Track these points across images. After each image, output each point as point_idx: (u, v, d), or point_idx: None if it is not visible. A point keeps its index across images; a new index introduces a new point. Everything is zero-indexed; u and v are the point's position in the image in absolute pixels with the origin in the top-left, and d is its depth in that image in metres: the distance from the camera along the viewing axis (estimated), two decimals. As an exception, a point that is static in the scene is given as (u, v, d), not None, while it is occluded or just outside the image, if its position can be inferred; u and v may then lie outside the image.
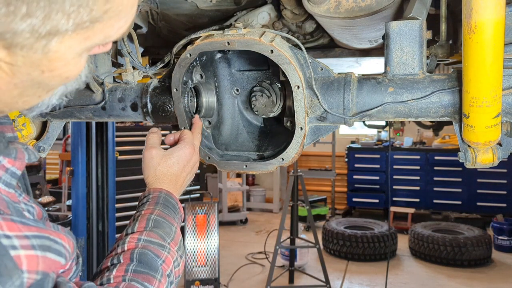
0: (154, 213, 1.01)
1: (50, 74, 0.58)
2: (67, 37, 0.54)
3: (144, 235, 0.95)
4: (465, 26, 0.95)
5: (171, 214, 1.05)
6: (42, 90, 0.62)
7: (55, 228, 0.65)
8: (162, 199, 1.06)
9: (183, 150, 1.14)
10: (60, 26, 0.52)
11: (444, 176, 7.57)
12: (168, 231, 0.99)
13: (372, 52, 1.76)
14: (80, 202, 3.96)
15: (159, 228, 0.98)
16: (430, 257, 5.85)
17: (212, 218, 4.38)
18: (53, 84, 0.62)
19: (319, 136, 1.27)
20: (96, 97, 1.44)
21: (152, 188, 1.09)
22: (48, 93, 0.64)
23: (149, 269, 0.88)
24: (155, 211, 1.02)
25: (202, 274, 4.30)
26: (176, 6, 1.62)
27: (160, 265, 0.91)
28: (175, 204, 1.08)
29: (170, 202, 1.07)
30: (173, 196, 1.09)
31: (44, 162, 8.03)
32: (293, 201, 5.12)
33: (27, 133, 1.51)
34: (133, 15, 0.61)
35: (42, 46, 0.54)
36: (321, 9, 1.31)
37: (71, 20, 0.52)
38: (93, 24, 0.55)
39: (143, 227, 0.97)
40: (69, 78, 0.62)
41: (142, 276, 0.86)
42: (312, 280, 4.91)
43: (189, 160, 1.14)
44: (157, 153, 1.13)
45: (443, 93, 1.12)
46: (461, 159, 1.17)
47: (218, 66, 1.39)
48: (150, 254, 0.91)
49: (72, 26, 0.53)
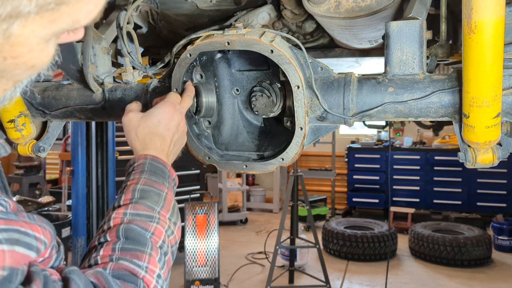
0: (140, 182, 0.96)
1: (13, 61, 0.54)
2: (30, 20, 0.51)
3: (130, 209, 0.91)
4: (465, 26, 0.95)
5: (159, 179, 0.99)
6: (7, 80, 0.57)
7: (30, 218, 0.62)
8: (148, 166, 1.00)
9: (162, 109, 1.08)
10: (22, 7, 0.49)
11: (444, 176, 7.57)
12: (157, 199, 0.95)
13: (372, 52, 1.76)
14: (80, 202, 3.96)
15: (146, 198, 0.94)
16: (430, 257, 5.85)
17: (212, 218, 4.38)
18: (18, 74, 0.57)
19: (319, 136, 1.27)
20: (96, 97, 1.44)
21: (137, 156, 1.04)
22: (14, 84, 0.59)
23: (137, 244, 0.85)
24: (141, 180, 0.97)
25: (202, 274, 4.30)
26: (176, 6, 1.62)
27: (149, 238, 0.88)
28: (163, 168, 1.02)
29: (157, 168, 1.01)
30: (160, 160, 1.03)
31: (44, 162, 8.03)
32: (293, 201, 5.12)
33: (27, 133, 1.51)
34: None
35: (2, 30, 0.50)
36: (321, 9, 1.31)
37: (33, 1, 0.49)
38: (58, 6, 0.52)
39: (129, 199, 0.93)
40: (35, 67, 0.57)
41: (130, 253, 0.83)
42: (312, 280, 4.91)
43: (170, 118, 1.08)
44: (135, 115, 1.08)
45: (443, 93, 1.12)
46: (461, 159, 1.17)
47: (218, 66, 1.39)
48: (136, 228, 0.87)
49: (35, 8, 0.50)
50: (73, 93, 1.46)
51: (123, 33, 1.37)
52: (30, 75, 0.59)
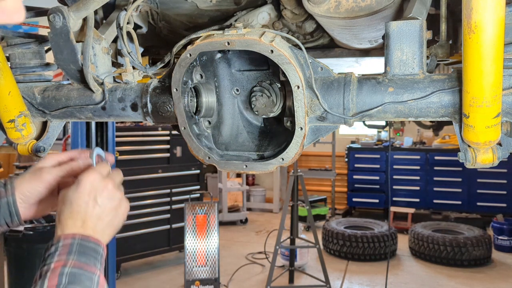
0: (68, 264, 0.82)
1: None
2: None
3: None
4: (465, 26, 0.95)
5: (90, 261, 0.85)
6: None
7: None
8: (77, 246, 0.86)
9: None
10: None
11: (444, 176, 7.57)
12: (88, 284, 0.81)
13: (372, 52, 1.76)
14: (80, 202, 3.95)
15: (76, 283, 0.80)
16: (430, 257, 5.86)
17: (212, 218, 4.38)
18: None
19: (319, 136, 1.27)
20: (96, 97, 1.44)
21: (62, 235, 0.88)
22: None
23: None
24: (69, 261, 0.83)
25: (202, 274, 4.30)
26: (176, 6, 1.62)
27: None
28: (95, 247, 0.89)
29: (88, 247, 0.87)
30: (91, 239, 0.89)
31: (44, 162, 8.02)
32: (293, 201, 5.12)
33: (27, 133, 1.51)
34: None
35: None
36: (321, 9, 1.31)
37: None
38: None
39: (54, 285, 0.78)
40: None
41: None
42: (312, 280, 4.91)
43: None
44: (99, 177, 0.94)
45: (443, 93, 1.12)
46: (461, 159, 1.17)
47: (218, 66, 1.39)
48: None
49: None
50: (73, 93, 1.46)
51: (123, 33, 1.37)
52: None
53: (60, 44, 1.33)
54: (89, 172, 0.94)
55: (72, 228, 0.89)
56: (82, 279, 0.81)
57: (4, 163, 8.53)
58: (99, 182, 0.93)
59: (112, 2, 1.62)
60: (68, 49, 1.34)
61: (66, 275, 0.80)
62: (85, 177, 0.92)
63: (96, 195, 0.92)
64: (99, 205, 0.91)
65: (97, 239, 0.90)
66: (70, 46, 1.33)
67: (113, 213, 0.94)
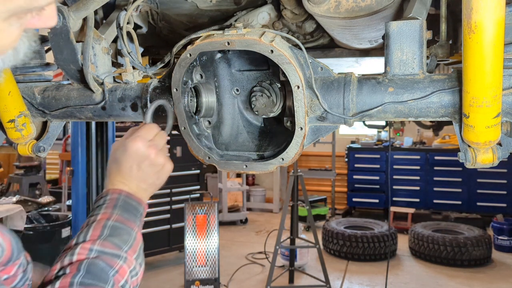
0: (112, 218, 0.92)
1: None
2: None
3: (97, 245, 0.86)
4: (465, 26, 0.95)
5: (131, 217, 0.95)
6: None
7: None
8: (121, 202, 0.96)
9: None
10: None
11: (444, 176, 7.57)
12: (126, 238, 0.91)
13: (372, 52, 1.76)
14: (80, 202, 3.96)
15: (115, 236, 0.89)
16: (430, 257, 5.85)
17: (212, 218, 4.38)
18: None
19: (319, 136, 1.27)
20: (96, 97, 1.44)
21: (111, 189, 1.00)
22: None
23: (98, 280, 0.81)
24: (113, 215, 0.93)
25: (202, 274, 4.30)
26: (176, 6, 1.62)
27: (112, 275, 0.84)
28: (137, 206, 0.99)
29: (130, 205, 0.98)
30: (134, 197, 1.00)
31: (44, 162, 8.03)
32: (293, 201, 5.12)
33: (27, 133, 1.51)
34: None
35: None
36: (321, 9, 1.31)
37: None
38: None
39: (97, 235, 0.88)
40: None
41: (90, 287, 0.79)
42: (312, 280, 4.91)
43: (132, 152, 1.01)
44: (145, 144, 1.02)
45: (443, 93, 1.12)
46: (461, 159, 1.17)
47: (218, 66, 1.39)
48: (100, 264, 0.83)
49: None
50: (73, 93, 1.46)
51: (123, 33, 1.37)
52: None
53: (60, 44, 1.33)
54: (135, 139, 1.01)
55: (119, 185, 1.00)
56: (121, 233, 0.90)
57: (4, 163, 8.53)
58: (143, 150, 1.01)
59: (112, 2, 1.62)
60: (68, 49, 1.34)
61: (108, 227, 0.90)
62: (130, 144, 1.01)
63: (140, 162, 1.00)
64: (142, 170, 1.01)
65: (139, 198, 1.00)
66: (70, 46, 1.33)
67: (155, 176, 1.03)
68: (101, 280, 0.81)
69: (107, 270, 0.83)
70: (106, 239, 0.88)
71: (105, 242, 0.87)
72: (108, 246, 0.87)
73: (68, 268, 0.82)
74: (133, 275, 0.90)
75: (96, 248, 0.86)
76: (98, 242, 0.87)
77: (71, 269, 0.82)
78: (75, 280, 0.79)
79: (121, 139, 1.05)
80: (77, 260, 0.84)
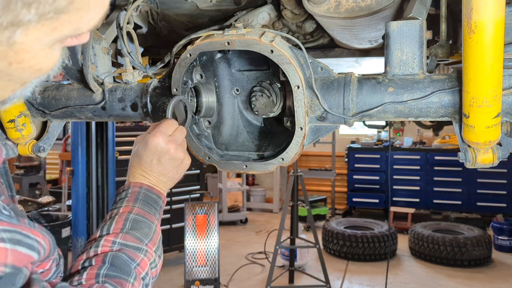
0: (134, 211, 0.98)
1: (18, 66, 0.57)
2: (32, 28, 0.54)
3: (120, 238, 0.92)
4: (465, 26, 0.95)
5: (151, 210, 1.01)
6: (15, 83, 0.61)
7: (30, 225, 0.65)
8: (142, 195, 1.02)
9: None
10: (21, 16, 0.52)
11: (444, 176, 7.57)
12: (147, 231, 0.96)
13: (372, 52, 1.75)
14: (80, 202, 3.96)
15: (137, 229, 0.95)
16: (430, 257, 5.85)
17: (212, 218, 4.38)
18: (25, 77, 0.61)
19: (319, 136, 1.27)
20: (96, 97, 1.44)
21: (132, 182, 1.05)
22: (21, 86, 0.63)
23: (121, 272, 0.86)
24: (135, 208, 0.99)
25: (202, 274, 4.30)
26: (176, 6, 1.62)
27: (134, 268, 0.90)
28: (157, 199, 1.05)
29: (151, 198, 1.03)
30: (155, 191, 1.05)
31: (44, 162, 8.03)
32: (293, 201, 5.12)
33: (27, 133, 1.51)
34: (105, 6, 0.60)
35: (6, 38, 0.53)
36: (321, 9, 1.31)
37: (32, 10, 0.52)
38: (58, 15, 0.54)
39: (119, 228, 0.94)
40: (42, 70, 0.61)
41: (115, 279, 0.85)
42: (312, 280, 4.91)
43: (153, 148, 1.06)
44: (165, 139, 1.06)
45: (443, 93, 1.12)
46: (461, 159, 1.17)
47: (218, 66, 1.39)
48: (123, 257, 0.89)
49: (35, 16, 0.53)
50: (73, 93, 1.46)
51: (123, 33, 1.37)
52: (37, 77, 0.62)
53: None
54: (155, 134, 1.05)
55: (140, 178, 1.05)
56: (142, 227, 0.96)
57: (4, 163, 8.50)
58: (163, 145, 1.05)
59: (112, 2, 1.61)
60: (68, 49, 1.34)
61: (130, 221, 0.96)
62: (151, 139, 1.05)
63: (160, 156, 1.05)
64: (162, 163, 1.05)
65: (159, 191, 1.06)
66: (70, 46, 1.33)
67: (174, 170, 1.08)
68: (124, 272, 0.87)
69: (130, 263, 0.89)
70: (128, 233, 0.94)
71: (127, 236, 0.93)
72: (130, 240, 0.93)
73: (94, 260, 0.88)
74: (153, 267, 0.95)
75: (119, 241, 0.92)
76: (121, 235, 0.93)
77: (97, 260, 0.87)
78: (101, 272, 0.85)
79: (143, 133, 1.09)
80: (101, 252, 0.89)
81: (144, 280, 0.91)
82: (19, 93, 0.64)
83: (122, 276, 0.86)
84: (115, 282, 0.84)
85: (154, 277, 0.96)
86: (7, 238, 0.58)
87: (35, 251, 0.63)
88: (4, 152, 0.68)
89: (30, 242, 0.62)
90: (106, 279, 0.84)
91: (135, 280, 0.88)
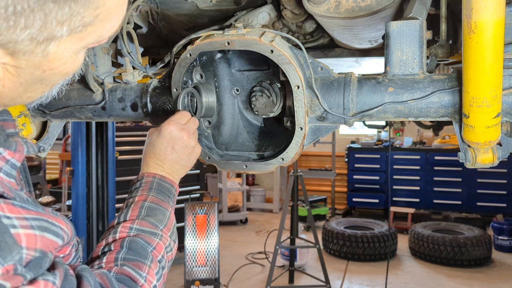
0: (148, 199, 1.02)
1: (50, 72, 0.65)
2: (63, 40, 0.62)
3: (136, 224, 0.97)
4: (465, 26, 0.95)
5: (165, 198, 1.06)
6: (46, 86, 0.69)
7: (53, 213, 0.71)
8: (156, 184, 1.06)
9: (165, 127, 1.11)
10: (55, 32, 0.60)
11: (444, 176, 7.57)
12: (161, 218, 1.01)
13: (372, 52, 1.75)
14: (80, 202, 3.96)
15: (152, 216, 1.00)
16: (430, 257, 5.85)
17: (212, 218, 4.38)
18: (55, 80, 0.69)
19: (319, 136, 1.27)
20: (96, 97, 1.44)
21: (146, 172, 1.09)
22: (51, 87, 0.71)
23: (139, 255, 0.91)
24: (149, 197, 1.03)
25: (202, 274, 4.30)
26: (176, 6, 1.62)
27: (151, 252, 0.94)
28: (170, 188, 1.09)
29: (164, 187, 1.07)
30: (168, 180, 1.09)
31: (44, 162, 8.03)
32: (293, 201, 5.12)
33: (27, 133, 1.51)
34: (123, 14, 0.67)
35: (41, 50, 0.61)
36: (321, 9, 1.31)
37: (65, 27, 0.60)
38: (85, 28, 0.62)
39: (135, 215, 0.99)
40: (69, 73, 0.69)
41: (133, 263, 0.89)
42: (312, 280, 4.91)
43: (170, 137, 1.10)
44: (178, 127, 1.11)
45: (443, 93, 1.12)
46: (461, 159, 1.17)
47: (218, 66, 1.39)
48: (140, 241, 0.93)
49: (66, 31, 0.60)
50: (73, 93, 1.46)
51: (123, 33, 1.37)
52: (65, 79, 0.71)
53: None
54: (169, 122, 1.11)
55: (154, 167, 1.09)
56: (157, 213, 1.01)
57: (4, 163, 8.51)
58: (177, 132, 1.10)
59: (112, 2, 1.61)
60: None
61: (146, 208, 1.00)
62: (165, 127, 1.10)
63: (174, 143, 1.09)
64: (176, 151, 1.10)
65: (172, 180, 1.10)
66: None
67: (187, 158, 1.12)
68: (141, 256, 0.91)
69: (146, 247, 0.94)
70: (143, 219, 0.98)
71: (143, 222, 0.98)
72: (146, 225, 0.97)
73: (112, 245, 0.93)
74: (168, 251, 0.99)
75: (136, 226, 0.97)
76: (137, 222, 0.97)
77: (115, 246, 0.92)
78: (119, 256, 0.90)
79: (156, 126, 1.14)
80: (119, 237, 0.95)
81: (160, 263, 0.94)
82: (46, 94, 0.72)
83: (140, 259, 0.90)
84: (133, 265, 0.88)
85: (170, 261, 1.00)
86: (36, 226, 0.64)
87: (59, 238, 0.69)
88: (25, 149, 0.72)
89: (56, 229, 0.68)
90: (124, 262, 0.89)
91: (152, 262, 0.92)
